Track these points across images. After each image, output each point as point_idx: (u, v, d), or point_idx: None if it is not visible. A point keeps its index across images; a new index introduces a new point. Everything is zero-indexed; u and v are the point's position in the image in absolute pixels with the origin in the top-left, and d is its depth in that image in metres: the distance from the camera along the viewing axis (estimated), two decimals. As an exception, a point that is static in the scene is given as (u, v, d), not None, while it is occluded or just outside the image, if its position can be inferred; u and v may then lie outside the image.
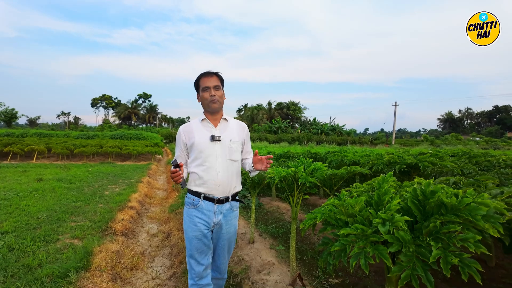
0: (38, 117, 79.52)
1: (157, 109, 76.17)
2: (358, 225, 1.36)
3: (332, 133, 51.56)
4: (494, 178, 2.18)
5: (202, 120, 2.02)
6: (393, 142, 41.94)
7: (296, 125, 63.61)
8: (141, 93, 77.03)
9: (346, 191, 2.22)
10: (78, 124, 76.35)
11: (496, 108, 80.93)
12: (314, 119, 59.81)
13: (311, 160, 2.86)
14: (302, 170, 2.63)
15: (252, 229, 3.86)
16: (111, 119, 73.26)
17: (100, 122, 73.47)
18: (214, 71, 2.03)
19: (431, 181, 1.38)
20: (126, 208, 5.34)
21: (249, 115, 60.34)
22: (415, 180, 2.08)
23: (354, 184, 2.48)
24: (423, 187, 1.37)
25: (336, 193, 1.86)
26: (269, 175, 2.66)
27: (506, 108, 78.72)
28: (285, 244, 3.93)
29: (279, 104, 65.75)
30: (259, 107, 65.41)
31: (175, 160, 1.84)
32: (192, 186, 2.00)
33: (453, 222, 1.23)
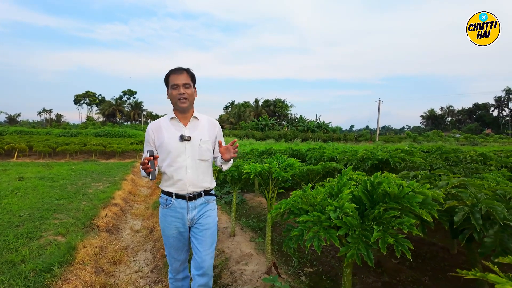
0: (18, 114, 77.23)
1: (142, 106, 75.15)
2: (315, 212, 1.54)
3: (318, 130, 52.24)
4: (447, 172, 2.41)
5: (171, 118, 1.97)
6: (377, 139, 42.88)
7: (283, 122, 64.06)
8: (126, 89, 75.82)
9: (320, 185, 2.40)
10: (61, 121, 74.49)
11: (476, 105, 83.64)
12: (301, 116, 60.41)
13: (285, 156, 3.04)
14: (277, 165, 2.80)
15: (233, 223, 4.02)
16: (95, 117, 71.89)
17: (84, 120, 71.93)
18: (185, 67, 1.96)
19: (378, 174, 1.57)
20: (110, 205, 5.41)
21: (236, 112, 60.37)
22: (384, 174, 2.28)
23: (327, 179, 2.67)
24: (372, 179, 1.56)
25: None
26: (245, 171, 2.82)
27: (485, 105, 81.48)
28: (265, 237, 4.11)
29: (266, 101, 66.00)
30: (246, 104, 65.50)
31: (152, 151, 1.84)
32: (164, 186, 1.99)
33: (394, 209, 1.42)
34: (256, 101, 64.89)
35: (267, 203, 2.95)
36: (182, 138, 1.91)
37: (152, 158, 1.77)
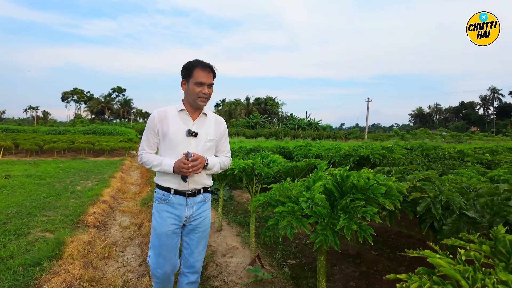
0: (3, 112, 75.44)
1: (131, 104, 74.30)
2: (290, 203, 1.66)
3: (309, 128, 52.64)
4: (419, 167, 2.57)
5: (181, 110, 1.89)
6: (365, 137, 43.49)
7: (274, 120, 64.27)
8: (115, 87, 74.77)
9: (303, 180, 2.53)
10: (48, 119, 73.02)
11: (462, 104, 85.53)
12: (291, 114, 60.73)
13: (269, 153, 3.16)
14: (260, 162, 2.93)
15: (220, 218, 4.13)
16: (83, 114, 70.73)
17: (72, 117, 70.70)
18: (211, 64, 1.89)
19: (347, 168, 1.70)
20: (98, 202, 5.45)
21: (227, 110, 60.28)
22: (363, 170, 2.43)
23: (310, 175, 2.81)
24: (341, 173, 1.70)
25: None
26: (230, 166, 2.93)
27: (471, 104, 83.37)
28: (250, 230, 4.24)
29: (257, 99, 66.11)
30: (237, 102, 65.43)
31: (189, 153, 1.78)
32: (162, 180, 1.91)
33: (360, 199, 1.55)
34: (247, 98, 64.94)
35: (251, 197, 3.07)
36: (190, 133, 1.85)
37: (190, 161, 1.73)
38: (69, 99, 76.42)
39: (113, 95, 74.51)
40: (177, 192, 1.89)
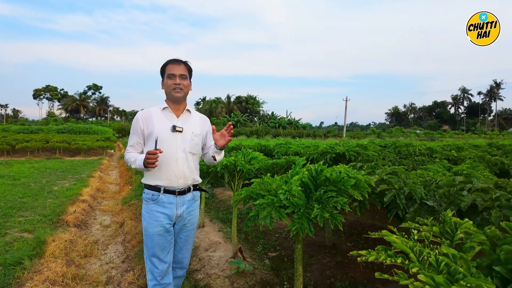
0: (-31, 109, 71.15)
1: (108, 102, 72.31)
2: (270, 196, 1.80)
3: (289, 126, 53.26)
4: (389, 163, 2.78)
5: (164, 108, 1.92)
6: (344, 135, 44.57)
7: (255, 119, 64.49)
8: (91, 84, 72.43)
9: (283, 176, 2.68)
10: (18, 117, 69.65)
11: (435, 103, 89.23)
12: (272, 113, 61.17)
13: (250, 150, 3.29)
14: (242, 159, 3.05)
15: (202, 215, 4.22)
16: (57, 112, 68.07)
17: (44, 115, 67.85)
18: (181, 59, 1.93)
19: (321, 163, 1.86)
20: (78, 202, 5.39)
21: (208, 109, 59.88)
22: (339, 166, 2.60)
23: (289, 171, 2.96)
24: (316, 167, 1.85)
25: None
26: (212, 164, 3.04)
27: (443, 103, 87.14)
28: (232, 225, 4.36)
29: (238, 98, 66.05)
30: (217, 100, 65.14)
31: (157, 141, 1.77)
32: (150, 180, 1.89)
33: (332, 191, 1.72)
34: (228, 97, 64.77)
35: (233, 193, 3.19)
36: (175, 129, 1.86)
37: (157, 150, 1.71)
38: (42, 97, 73.26)
39: (89, 93, 72.22)
40: (167, 191, 1.88)
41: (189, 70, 1.97)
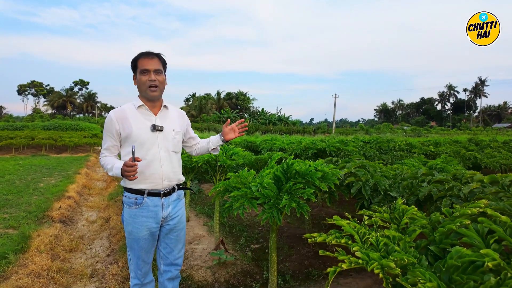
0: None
1: (96, 98, 71.07)
2: (244, 188, 1.92)
3: (279, 123, 53.50)
4: (360, 156, 2.93)
5: (139, 106, 1.78)
6: (333, 132, 45.07)
7: (245, 115, 64.50)
8: (77, 80, 71.02)
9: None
10: (2, 113, 67.92)
11: (423, 100, 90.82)
12: (263, 109, 61.27)
13: (232, 146, 3.41)
14: (223, 154, 3.16)
15: (187, 210, 4.32)
16: (43, 109, 66.54)
17: (30, 112, 66.24)
18: (156, 52, 1.80)
19: (292, 157, 1.99)
20: (63, 198, 5.41)
21: (198, 105, 59.59)
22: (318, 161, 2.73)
23: (269, 165, 3.09)
24: (287, 161, 1.98)
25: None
26: (194, 159, 3.14)
27: (430, 100, 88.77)
28: (219, 222, 4.48)
29: (228, 94, 65.90)
30: (207, 96, 64.84)
31: (133, 146, 1.65)
32: (132, 183, 1.76)
33: (301, 182, 1.85)
34: (218, 93, 64.56)
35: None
36: (155, 128, 1.76)
37: (136, 163, 1.59)
38: (27, 93, 71.50)
39: (76, 89, 70.83)
40: (151, 194, 1.78)
41: (164, 64, 1.83)
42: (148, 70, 1.74)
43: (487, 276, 0.84)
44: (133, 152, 1.61)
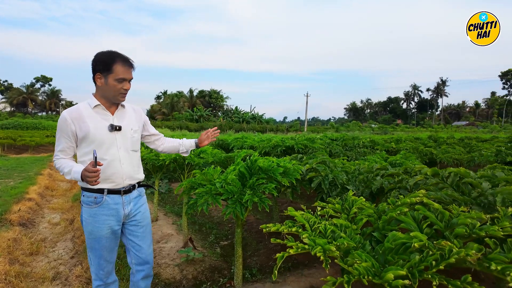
0: None
1: (60, 95, 67.40)
2: (208, 185, 1.97)
3: (253, 121, 53.71)
4: (326, 154, 3.08)
5: (96, 106, 1.74)
6: (305, 130, 46.01)
7: (219, 113, 64.08)
8: (39, 76, 67.02)
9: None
10: (-47, 111, 62.53)
11: (389, 99, 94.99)
12: (236, 107, 61.18)
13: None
14: (191, 152, 3.17)
15: (155, 209, 4.29)
16: (1, 106, 62.14)
17: (-15, 109, 61.55)
18: (132, 60, 1.79)
19: (256, 153, 2.06)
20: (23, 200, 5.15)
21: (169, 103, 58.35)
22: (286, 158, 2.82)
23: (235, 162, 3.15)
24: (251, 158, 2.05)
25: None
26: (161, 157, 3.13)
27: (396, 99, 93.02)
28: (188, 220, 4.48)
29: (201, 92, 65.10)
30: (180, 94, 63.72)
31: (94, 151, 1.57)
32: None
33: (263, 178, 1.93)
34: (191, 91, 63.57)
35: (184, 186, 3.32)
36: (113, 128, 1.73)
37: (99, 168, 1.56)
38: (-19, 89, 66.33)
39: (37, 85, 66.81)
40: (111, 192, 1.76)
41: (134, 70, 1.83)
42: (125, 79, 1.73)
43: (413, 255, 0.96)
44: (95, 158, 1.54)
